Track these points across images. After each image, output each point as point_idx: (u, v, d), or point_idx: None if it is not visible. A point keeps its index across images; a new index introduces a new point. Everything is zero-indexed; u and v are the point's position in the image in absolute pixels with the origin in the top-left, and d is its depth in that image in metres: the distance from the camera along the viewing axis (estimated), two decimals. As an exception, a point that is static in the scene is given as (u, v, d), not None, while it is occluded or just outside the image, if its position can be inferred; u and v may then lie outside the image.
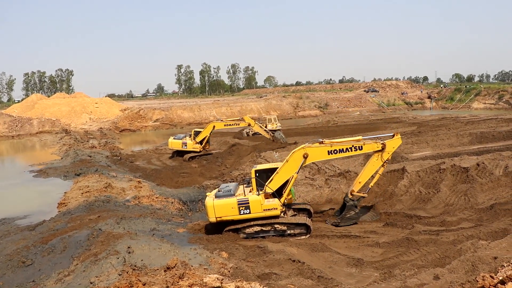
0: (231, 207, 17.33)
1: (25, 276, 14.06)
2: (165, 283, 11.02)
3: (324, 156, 18.11)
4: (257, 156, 34.62)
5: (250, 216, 17.47)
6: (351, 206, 19.24)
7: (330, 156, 18.15)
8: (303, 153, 17.71)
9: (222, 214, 17.38)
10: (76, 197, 25.13)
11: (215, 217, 17.43)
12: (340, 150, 17.99)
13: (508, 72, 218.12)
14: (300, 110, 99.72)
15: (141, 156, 45.93)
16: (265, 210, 17.44)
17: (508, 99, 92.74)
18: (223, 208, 17.34)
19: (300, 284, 12.05)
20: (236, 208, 17.33)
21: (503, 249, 12.47)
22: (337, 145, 18.05)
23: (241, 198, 17.43)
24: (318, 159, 18.65)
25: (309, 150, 17.75)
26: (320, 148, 17.89)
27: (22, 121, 79.37)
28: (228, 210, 17.35)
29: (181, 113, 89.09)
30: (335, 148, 17.92)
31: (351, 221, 19.21)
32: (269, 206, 17.47)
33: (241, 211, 17.35)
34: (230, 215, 17.45)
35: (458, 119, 59.34)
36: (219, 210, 17.34)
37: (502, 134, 38.48)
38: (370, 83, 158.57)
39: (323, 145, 17.95)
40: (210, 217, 17.58)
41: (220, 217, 17.43)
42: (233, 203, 17.34)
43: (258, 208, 17.37)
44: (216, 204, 17.35)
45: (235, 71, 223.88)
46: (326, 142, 18.13)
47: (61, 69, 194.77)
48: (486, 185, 20.83)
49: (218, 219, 17.49)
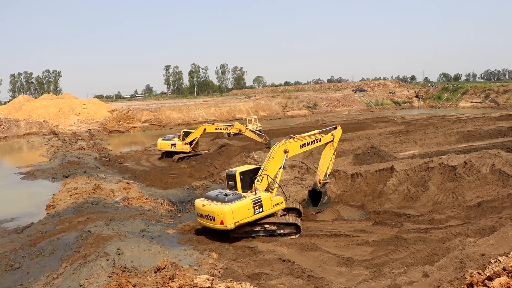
0: (247, 208, 16.71)
1: (13, 280, 13.90)
2: (155, 284, 10.97)
3: (298, 149, 20.12)
4: (246, 156, 34.61)
5: (263, 214, 17.24)
6: (325, 192, 21.93)
7: (302, 149, 20.38)
8: (284, 148, 18.90)
9: (240, 217, 16.48)
10: (65, 199, 24.89)
11: (234, 222, 16.30)
12: (307, 143, 20.46)
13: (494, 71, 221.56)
14: (289, 110, 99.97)
15: (130, 157, 45.63)
16: (274, 205, 17.66)
17: (494, 98, 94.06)
18: (240, 211, 16.50)
19: (290, 284, 12.08)
20: (251, 209, 16.83)
21: (490, 246, 12.65)
22: (306, 139, 20.43)
23: (255, 197, 17.04)
24: (294, 153, 20.13)
25: (288, 146, 19.18)
26: (295, 143, 19.74)
27: (9, 122, 78.38)
28: (244, 212, 16.61)
29: (170, 114, 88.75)
30: (305, 142, 20.26)
31: (326, 205, 21.94)
32: (276, 201, 17.89)
33: (256, 211, 16.95)
34: (247, 217, 16.73)
35: (445, 118, 59.95)
36: (237, 213, 16.37)
37: (488, 133, 38.99)
38: (359, 83, 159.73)
39: (296, 140, 19.91)
40: (227, 224, 16.20)
41: (238, 221, 16.42)
42: (248, 204, 16.77)
43: (269, 204, 17.41)
44: (234, 208, 16.31)
45: (224, 71, 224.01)
46: (297, 137, 20.12)
47: (49, 70, 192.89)
48: (473, 183, 21.09)
49: (237, 224, 16.42)
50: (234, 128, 41.82)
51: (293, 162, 30.05)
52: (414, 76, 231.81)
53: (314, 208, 21.58)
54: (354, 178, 24.93)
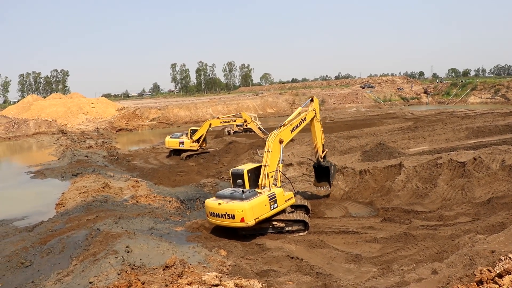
0: (264, 204, 16.88)
1: (24, 277, 14.03)
2: (164, 281, 11.02)
3: (290, 135, 20.30)
4: (254, 153, 34.62)
5: (277, 209, 17.41)
6: (331, 165, 23.05)
7: (292, 133, 20.46)
8: (279, 139, 18.81)
9: (258, 213, 16.61)
10: (74, 197, 25.08)
11: (254, 218, 16.35)
12: (296, 126, 20.48)
13: (504, 66, 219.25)
14: (297, 107, 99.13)
15: (138, 155, 45.84)
16: (286, 200, 17.88)
17: (504, 93, 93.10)
18: (259, 207, 16.64)
19: (298, 281, 12.08)
20: (268, 204, 17.01)
21: (500, 242, 12.55)
22: (294, 122, 20.42)
23: (270, 193, 17.18)
24: (287, 139, 20.29)
25: (281, 135, 19.14)
26: (285, 130, 19.64)
27: (18, 122, 79.08)
28: (262, 208, 16.76)
29: (177, 112, 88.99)
30: (293, 126, 20.26)
31: (335, 174, 23.58)
32: (288, 196, 18.11)
33: (271, 206, 17.15)
34: (265, 213, 16.90)
35: (454, 114, 59.48)
36: (256, 210, 16.48)
37: (498, 128, 38.62)
38: (366, 79, 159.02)
39: (286, 126, 19.79)
40: (248, 221, 16.23)
41: (258, 217, 16.55)
42: (265, 200, 16.92)
43: (282, 200, 17.64)
44: (254, 204, 16.41)
45: (231, 69, 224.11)
46: (286, 123, 20.04)
47: (57, 69, 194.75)
48: (483, 179, 20.91)
49: (256, 220, 16.51)
50: (239, 118, 41.79)
51: (301, 159, 30.03)
52: (423, 72, 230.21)
53: (325, 183, 22.91)
54: (363, 174, 24.84)
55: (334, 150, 34.03)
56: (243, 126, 56.23)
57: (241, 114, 41.77)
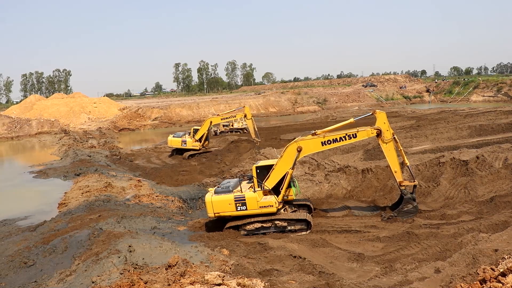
0: (228, 203, 17.47)
1: (27, 277, 14.08)
2: (167, 281, 11.04)
3: (318, 147, 18.05)
4: (256, 153, 34.59)
5: (247, 212, 17.58)
6: (408, 199, 18.55)
7: (324, 147, 18.07)
8: (296, 146, 17.69)
9: (220, 210, 17.60)
10: (76, 197, 25.13)
11: (213, 212, 17.71)
12: (334, 140, 17.84)
13: (506, 64, 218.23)
14: (299, 106, 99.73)
15: (140, 155, 45.89)
16: (261, 207, 17.51)
17: (506, 91, 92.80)
18: (221, 204, 17.51)
19: (301, 280, 12.07)
20: (233, 204, 17.47)
21: (503, 241, 12.51)
22: (331, 135, 17.87)
23: (238, 195, 17.54)
24: (312, 151, 18.62)
25: (302, 143, 17.71)
26: (313, 140, 17.83)
27: (21, 122, 79.23)
28: (225, 206, 17.50)
29: (179, 111, 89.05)
30: (329, 139, 17.78)
31: (408, 214, 18.33)
32: (265, 203, 17.52)
33: (238, 207, 17.49)
34: (228, 211, 17.62)
35: (457, 112, 59.30)
36: (217, 206, 17.55)
37: (501, 127, 38.46)
38: (368, 78, 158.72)
39: (316, 137, 17.84)
40: (208, 213, 17.93)
41: (218, 213, 17.67)
42: (230, 199, 17.48)
43: (254, 205, 17.50)
44: (214, 200, 17.57)
45: (233, 68, 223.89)
46: (319, 133, 17.92)
47: (59, 69, 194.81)
48: (485, 178, 20.85)
49: (216, 215, 17.78)
50: (240, 113, 41.61)
51: (304, 158, 29.91)
52: (425, 71, 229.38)
53: (391, 211, 18.95)
54: (365, 173, 24.78)
55: (336, 149, 33.93)
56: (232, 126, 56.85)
57: (245, 108, 41.39)
